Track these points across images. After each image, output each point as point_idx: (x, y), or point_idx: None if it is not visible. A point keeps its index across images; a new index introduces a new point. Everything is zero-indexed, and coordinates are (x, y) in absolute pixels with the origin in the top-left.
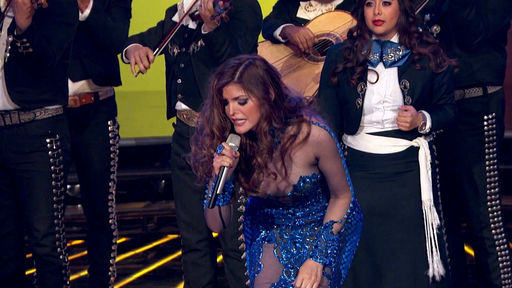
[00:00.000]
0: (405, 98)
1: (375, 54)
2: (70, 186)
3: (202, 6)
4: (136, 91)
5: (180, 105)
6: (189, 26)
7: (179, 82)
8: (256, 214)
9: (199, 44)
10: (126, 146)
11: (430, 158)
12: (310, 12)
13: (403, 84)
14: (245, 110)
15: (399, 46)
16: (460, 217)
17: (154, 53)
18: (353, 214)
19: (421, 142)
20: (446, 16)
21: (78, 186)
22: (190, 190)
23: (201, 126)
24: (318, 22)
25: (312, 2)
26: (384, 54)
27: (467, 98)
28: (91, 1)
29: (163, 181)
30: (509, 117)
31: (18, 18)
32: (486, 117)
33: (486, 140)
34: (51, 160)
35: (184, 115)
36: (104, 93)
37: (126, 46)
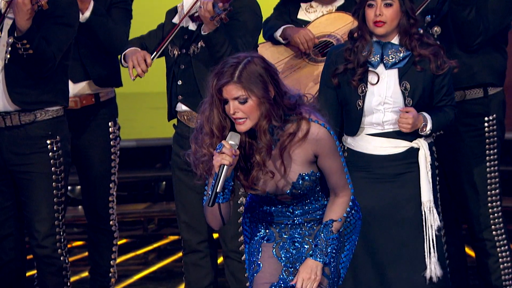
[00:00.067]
0: (405, 100)
1: (376, 56)
2: (71, 188)
3: (202, 7)
4: (137, 92)
5: (180, 106)
6: (189, 28)
7: (180, 83)
8: (255, 212)
9: (199, 45)
10: (127, 147)
11: (430, 159)
12: (310, 13)
13: (404, 85)
14: (245, 109)
15: (400, 48)
16: (460, 218)
17: (152, 57)
18: (352, 213)
19: (421, 144)
20: (446, 17)
21: (79, 187)
22: (190, 191)
23: (200, 125)
24: (319, 23)
25: (312, 4)
26: (384, 56)
27: (468, 99)
28: (92, 2)
29: (164, 182)
30: (509, 118)
31: (18, 20)
32: (486, 118)
33: (487, 141)
34: (52, 161)
35: (184, 116)
36: (104, 94)
37: (126, 49)
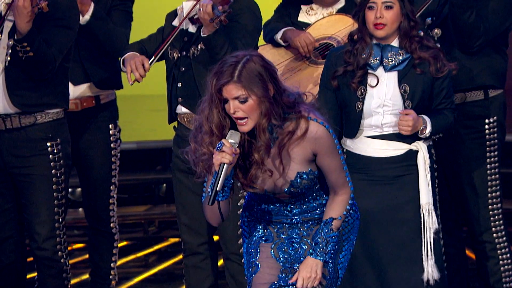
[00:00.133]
0: (405, 103)
1: (375, 58)
2: (71, 190)
3: (201, 9)
4: (137, 95)
5: (180, 108)
6: (189, 30)
7: (180, 85)
8: (253, 210)
9: (199, 47)
10: (128, 149)
11: (429, 162)
12: (311, 15)
13: (403, 88)
14: (245, 108)
15: (399, 50)
16: (461, 220)
17: (150, 61)
18: (350, 213)
19: (420, 146)
20: (447, 19)
21: (80, 189)
22: (191, 193)
23: (199, 124)
24: (320, 25)
25: (313, 6)
26: (384, 58)
27: (469, 101)
28: (92, 4)
29: (164, 184)
30: (510, 120)
31: (19, 22)
32: (487, 120)
33: (488, 143)
34: (52, 163)
35: (185, 118)
36: (105, 96)
37: (127, 51)
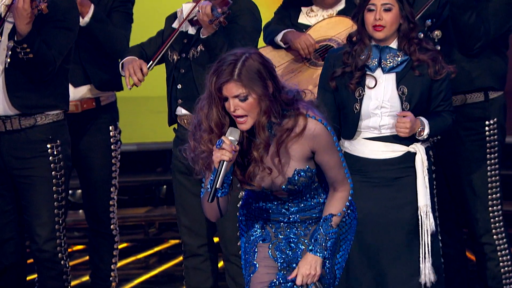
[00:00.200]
0: (403, 104)
1: (374, 60)
2: (71, 192)
3: (200, 11)
4: (137, 96)
5: (180, 110)
6: (188, 32)
7: (179, 87)
8: (251, 208)
9: (199, 49)
10: (128, 151)
11: (427, 164)
12: (311, 17)
13: (401, 90)
14: (245, 106)
15: (398, 52)
16: (461, 222)
17: (148, 65)
18: (347, 212)
19: (417, 148)
20: (447, 21)
21: (80, 191)
22: (191, 195)
23: (198, 122)
24: (320, 27)
25: (313, 8)
26: (382, 60)
27: (469, 103)
28: (92, 6)
29: (165, 186)
30: (511, 122)
31: (19, 24)
32: (487, 122)
33: (488, 145)
34: (52, 165)
35: (184, 120)
36: (105, 98)
37: (126, 55)
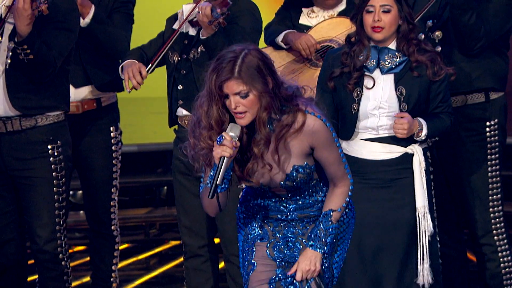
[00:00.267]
0: (400, 105)
1: (372, 60)
2: (72, 192)
3: (200, 12)
4: (138, 97)
5: (181, 111)
6: (189, 33)
7: (180, 88)
8: (249, 205)
9: (199, 50)
10: (129, 152)
11: (424, 165)
12: (312, 18)
13: (399, 90)
14: (246, 103)
15: (396, 53)
16: (462, 223)
17: (147, 69)
18: (345, 211)
19: (415, 149)
20: (448, 22)
21: (81, 192)
22: (191, 196)
23: (198, 119)
24: (321, 28)
25: (314, 9)
26: (381, 60)
27: (469, 104)
28: (93, 7)
29: (165, 187)
30: (511, 123)
31: (19, 25)
32: (488, 123)
33: (488, 146)
34: (53, 166)
35: (185, 121)
36: (106, 99)
37: (126, 58)
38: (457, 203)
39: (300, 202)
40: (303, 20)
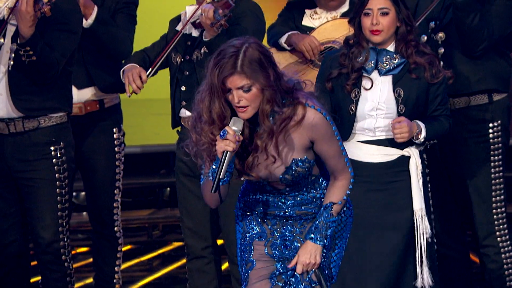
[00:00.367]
0: (398, 107)
1: (370, 62)
2: (75, 194)
3: (203, 14)
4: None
5: (184, 112)
6: (192, 34)
7: (183, 89)
8: (248, 201)
9: (202, 51)
10: (132, 153)
11: (421, 168)
12: (315, 19)
13: (397, 92)
14: (249, 97)
15: (395, 55)
16: (465, 224)
17: (148, 73)
18: (343, 210)
19: (412, 152)
20: (451, 23)
21: (84, 193)
22: (195, 197)
23: (198, 114)
24: (324, 29)
25: (317, 10)
26: (379, 62)
27: (473, 105)
28: (95, 8)
29: (168, 188)
30: None
31: (22, 27)
32: (491, 124)
33: (492, 147)
34: (56, 167)
35: (188, 122)
36: (109, 100)
37: (129, 60)
38: (460, 205)
39: (298, 198)
40: (306, 21)
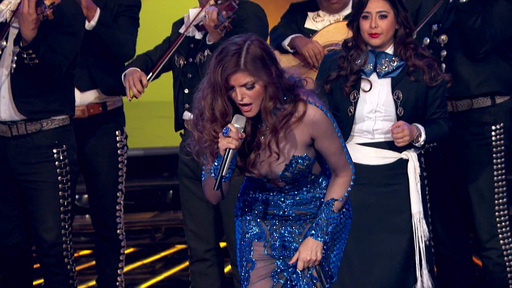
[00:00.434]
0: (397, 109)
1: (369, 64)
2: (78, 196)
3: (207, 16)
4: (144, 101)
5: (187, 114)
6: (195, 37)
7: (186, 92)
8: (247, 200)
9: (206, 53)
10: (134, 156)
11: (419, 171)
12: (318, 22)
13: (396, 95)
14: (252, 94)
15: (394, 57)
16: (467, 227)
17: (148, 77)
18: (342, 211)
19: (410, 155)
20: (453, 25)
21: (86, 196)
22: (198, 200)
23: (200, 111)
24: (326, 32)
25: (320, 13)
26: (378, 65)
27: (475, 108)
28: (98, 10)
29: (171, 191)
30: None
31: (24, 30)
32: (494, 127)
33: (494, 150)
34: (58, 170)
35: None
36: (112, 103)
37: (131, 63)
38: (462, 207)
39: (297, 198)
40: (309, 24)
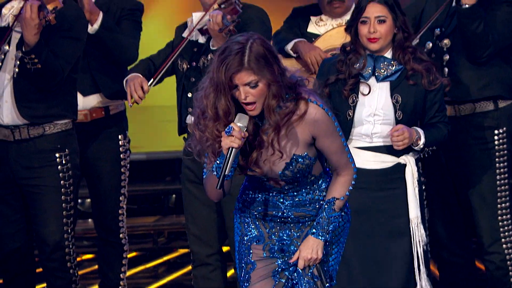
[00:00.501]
0: (396, 113)
1: (368, 68)
2: (81, 201)
3: (211, 20)
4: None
5: (190, 119)
6: (198, 41)
7: (190, 96)
8: (247, 201)
9: (209, 57)
10: (137, 160)
11: (417, 175)
12: (320, 26)
13: (395, 98)
14: (255, 93)
15: (392, 61)
16: (470, 231)
17: (149, 83)
18: (341, 215)
19: (408, 159)
20: (456, 30)
21: (89, 200)
22: (200, 204)
23: (202, 110)
24: (329, 36)
25: (322, 17)
26: (376, 69)
27: (478, 112)
28: (101, 14)
29: (174, 195)
30: None
31: (26, 34)
32: (496, 131)
33: (497, 154)
34: (61, 174)
35: None
36: (114, 107)
37: (134, 68)
38: (465, 211)
39: (296, 199)
40: (312, 28)
